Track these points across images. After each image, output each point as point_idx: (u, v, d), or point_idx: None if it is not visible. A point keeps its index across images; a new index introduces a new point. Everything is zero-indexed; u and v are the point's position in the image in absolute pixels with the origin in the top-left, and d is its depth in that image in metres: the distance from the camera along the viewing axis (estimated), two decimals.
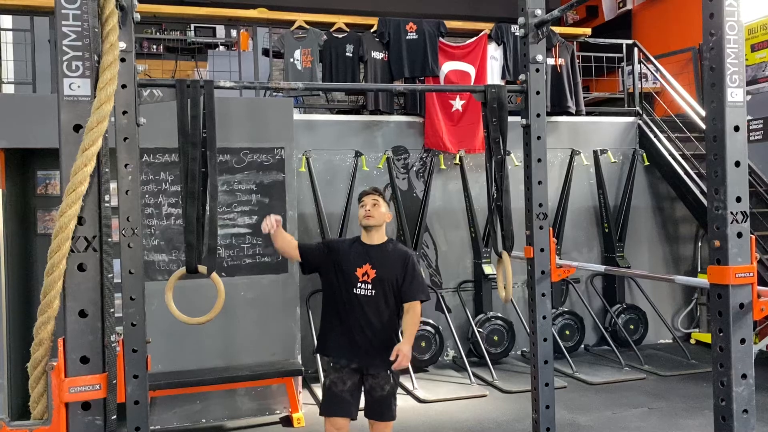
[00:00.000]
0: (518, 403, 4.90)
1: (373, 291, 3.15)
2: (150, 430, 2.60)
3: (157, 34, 9.47)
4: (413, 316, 3.17)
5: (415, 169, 6.26)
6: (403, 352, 2.95)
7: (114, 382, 1.84)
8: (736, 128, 2.17)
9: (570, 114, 6.55)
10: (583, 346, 6.40)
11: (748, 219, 2.17)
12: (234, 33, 8.73)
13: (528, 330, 3.96)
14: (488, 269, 6.06)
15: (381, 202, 3.25)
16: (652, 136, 6.71)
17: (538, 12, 3.01)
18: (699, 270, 6.81)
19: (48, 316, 1.73)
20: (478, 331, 5.86)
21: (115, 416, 1.84)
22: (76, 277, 1.74)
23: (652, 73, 7.54)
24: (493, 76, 6.35)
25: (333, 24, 6.22)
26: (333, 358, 3.19)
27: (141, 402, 2.48)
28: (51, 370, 1.73)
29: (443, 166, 6.21)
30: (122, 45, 2.31)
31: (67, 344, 1.73)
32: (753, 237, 2.19)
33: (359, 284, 3.15)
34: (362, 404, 3.22)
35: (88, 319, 1.74)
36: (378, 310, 3.16)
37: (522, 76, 3.06)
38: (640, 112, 6.96)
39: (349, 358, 3.14)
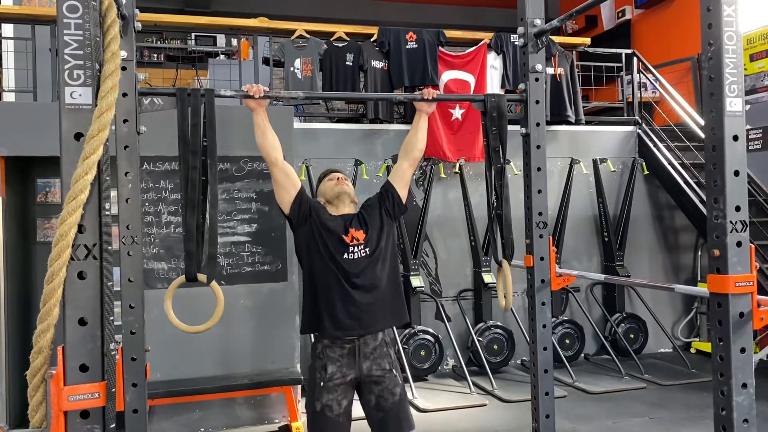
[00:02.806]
0: (518, 412, 4.89)
1: (367, 249, 2.88)
2: None
3: (158, 43, 9.51)
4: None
5: (414, 177, 6.27)
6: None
7: (113, 390, 1.84)
8: (735, 138, 2.17)
9: (569, 123, 6.56)
10: (583, 355, 6.38)
11: (748, 228, 2.17)
12: (234, 42, 8.77)
13: (528, 339, 3.95)
14: (488, 278, 6.05)
15: (350, 182, 3.08)
16: (651, 145, 6.72)
17: (538, 21, 3.02)
18: (699, 279, 6.81)
19: (47, 324, 1.73)
20: (478, 340, 5.85)
21: (114, 425, 1.83)
22: (76, 285, 1.74)
23: (651, 82, 7.56)
24: (493, 85, 6.37)
25: (333, 33, 6.25)
26: (329, 335, 2.82)
27: (140, 411, 2.47)
28: (50, 378, 1.72)
29: (443, 175, 6.22)
30: (123, 54, 2.32)
31: (67, 352, 1.73)
32: (752, 246, 2.19)
33: (350, 248, 2.86)
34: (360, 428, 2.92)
35: (88, 327, 1.74)
36: (373, 268, 2.87)
37: (521, 86, 3.07)
38: (640, 121, 6.98)
39: (349, 327, 2.79)
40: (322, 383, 2.80)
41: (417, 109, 3.01)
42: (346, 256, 2.85)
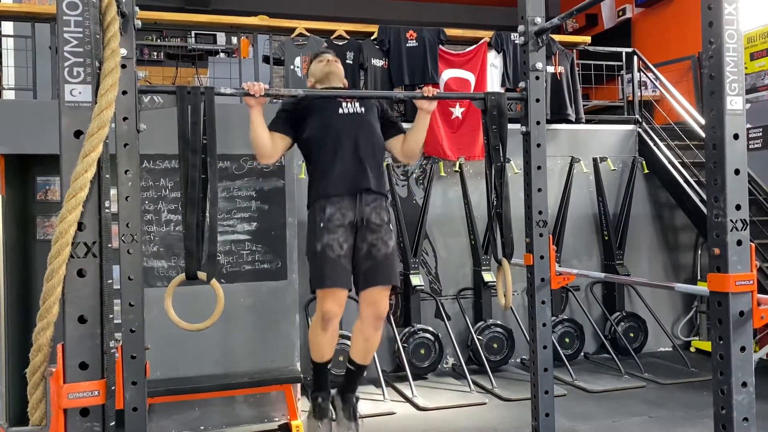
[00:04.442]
0: (518, 411, 4.89)
1: (362, 108, 3.04)
2: None
3: (158, 41, 9.50)
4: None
5: (414, 176, 6.27)
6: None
7: (113, 388, 1.84)
8: (736, 136, 2.17)
9: (570, 122, 6.56)
10: (582, 353, 6.38)
11: (748, 227, 2.17)
12: (234, 40, 8.75)
13: (528, 337, 3.96)
14: (488, 276, 6.05)
15: (340, 64, 3.24)
16: (651, 144, 6.72)
17: (538, 20, 3.02)
18: (699, 278, 6.81)
19: (47, 321, 1.73)
20: (478, 339, 5.85)
21: (113, 423, 1.83)
22: (76, 282, 1.74)
23: (651, 81, 7.56)
24: (493, 83, 6.36)
25: (333, 31, 6.24)
26: (329, 195, 2.91)
27: (139, 409, 2.47)
28: (50, 376, 1.72)
29: (443, 174, 6.22)
30: (123, 51, 2.32)
31: (66, 350, 1.73)
32: (753, 245, 2.19)
33: (344, 104, 3.03)
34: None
35: (88, 325, 1.74)
36: (369, 125, 3.03)
37: (522, 84, 3.07)
38: (640, 120, 6.97)
39: (346, 185, 2.91)
40: (321, 224, 2.89)
41: (417, 107, 3.02)
42: (341, 110, 3.01)
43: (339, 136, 2.98)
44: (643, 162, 6.63)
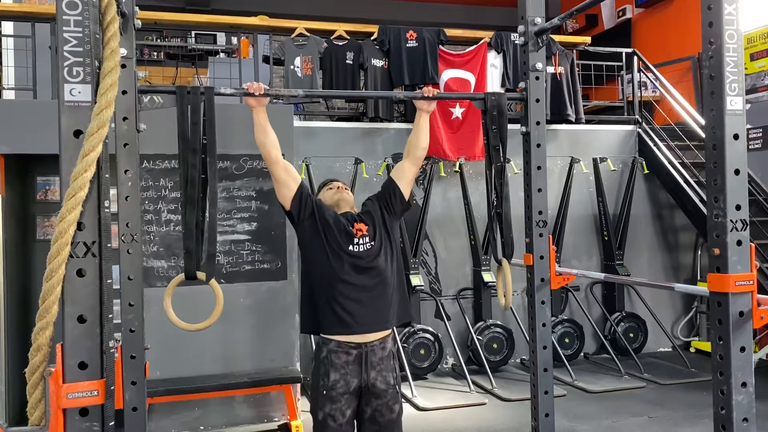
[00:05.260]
0: (517, 411, 4.89)
1: (373, 243, 2.83)
2: None
3: (158, 41, 9.50)
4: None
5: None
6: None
7: (112, 388, 1.84)
8: (736, 136, 2.17)
9: (570, 122, 6.56)
10: (582, 354, 6.38)
11: (748, 227, 2.17)
12: (234, 40, 8.74)
13: (527, 338, 3.95)
14: (488, 277, 6.05)
15: (349, 191, 3.08)
16: (651, 144, 6.72)
17: (538, 20, 3.02)
18: (698, 278, 6.81)
19: (46, 321, 1.72)
20: (478, 339, 5.85)
21: (113, 423, 1.83)
22: (75, 282, 1.74)
23: (651, 81, 7.56)
24: (493, 84, 6.36)
25: (333, 31, 6.24)
26: (334, 332, 2.74)
27: (139, 409, 2.47)
28: (49, 376, 1.72)
29: (443, 174, 6.22)
30: (123, 51, 2.31)
31: (66, 350, 1.73)
32: (753, 245, 2.19)
33: (356, 241, 2.81)
34: None
35: (87, 325, 1.74)
36: (378, 263, 2.81)
37: (522, 84, 3.07)
38: (640, 120, 6.97)
39: (356, 324, 2.72)
40: (324, 392, 2.74)
41: (417, 107, 3.01)
42: (351, 247, 2.79)
43: (346, 276, 2.76)
44: (643, 162, 6.63)
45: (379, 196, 3.02)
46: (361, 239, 2.83)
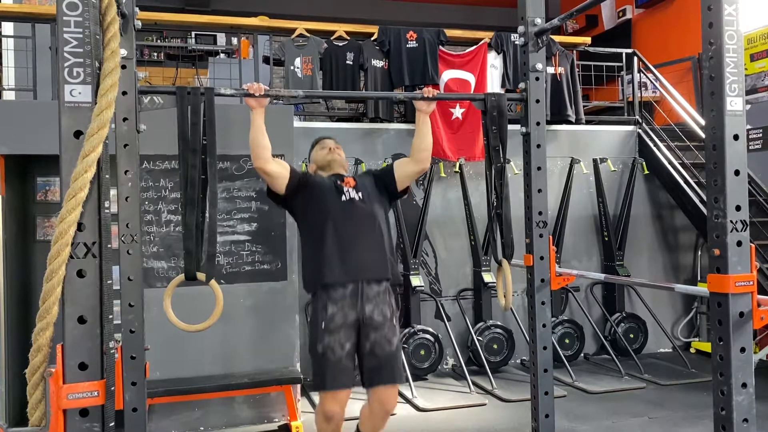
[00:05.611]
0: (518, 411, 4.88)
1: (360, 195, 3.01)
2: None
3: (158, 41, 9.50)
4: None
5: None
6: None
7: (112, 389, 1.84)
8: (736, 137, 2.17)
9: (570, 122, 6.56)
10: (582, 354, 6.38)
11: (748, 228, 2.17)
12: (235, 41, 8.76)
13: (528, 338, 3.95)
14: (488, 277, 6.05)
15: (341, 150, 3.22)
16: (651, 144, 6.72)
17: (538, 21, 3.02)
18: (699, 279, 6.81)
19: (47, 322, 1.72)
20: (478, 340, 5.85)
21: (113, 423, 1.83)
22: (75, 283, 1.74)
23: (651, 82, 7.56)
24: (493, 84, 6.36)
25: (333, 32, 6.24)
26: (328, 286, 2.87)
27: (139, 409, 2.47)
28: (49, 377, 1.72)
29: (443, 174, 6.22)
30: (123, 52, 2.32)
31: (66, 350, 1.73)
32: (753, 246, 2.19)
33: (345, 190, 2.99)
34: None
35: (87, 326, 1.74)
36: (370, 214, 2.99)
37: (522, 85, 3.07)
38: (640, 120, 6.97)
39: (347, 274, 2.85)
40: (323, 325, 2.84)
41: (416, 108, 3.02)
42: (342, 197, 2.97)
43: (339, 224, 2.93)
44: (643, 163, 6.63)
45: (376, 171, 3.21)
46: (350, 190, 3.01)
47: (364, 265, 2.89)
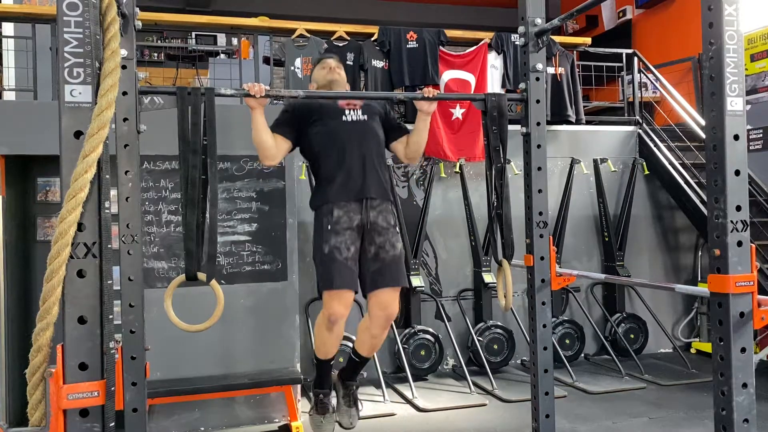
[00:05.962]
0: (518, 412, 4.88)
1: (365, 116, 3.07)
2: None
3: (159, 41, 9.50)
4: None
5: (415, 177, 6.27)
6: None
7: (112, 389, 1.84)
8: (736, 137, 2.17)
9: (570, 123, 6.56)
10: (583, 355, 6.38)
11: (749, 228, 2.17)
12: (235, 41, 8.75)
13: (528, 339, 3.95)
14: (488, 278, 6.05)
15: (342, 71, 3.24)
16: (652, 145, 6.72)
17: (538, 21, 3.02)
18: (699, 279, 6.81)
19: (47, 322, 1.73)
20: (478, 340, 5.85)
21: (113, 423, 1.83)
22: (76, 283, 1.74)
23: (651, 82, 7.56)
24: (493, 84, 6.36)
25: (334, 32, 6.24)
26: (334, 201, 2.94)
27: (139, 410, 2.47)
28: (49, 377, 1.72)
29: (443, 175, 6.22)
30: (123, 52, 2.32)
31: (66, 351, 1.73)
32: (753, 246, 2.19)
33: (347, 111, 3.05)
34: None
35: (87, 326, 1.74)
36: (373, 134, 3.06)
37: (522, 85, 3.07)
38: (640, 121, 6.97)
39: (353, 193, 2.93)
40: (329, 226, 2.91)
41: (417, 108, 3.02)
42: (344, 117, 3.03)
43: (344, 144, 2.99)
44: (644, 163, 6.63)
45: (387, 114, 3.21)
46: (352, 111, 3.06)
47: (368, 184, 2.97)
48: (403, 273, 3.03)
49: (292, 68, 6.01)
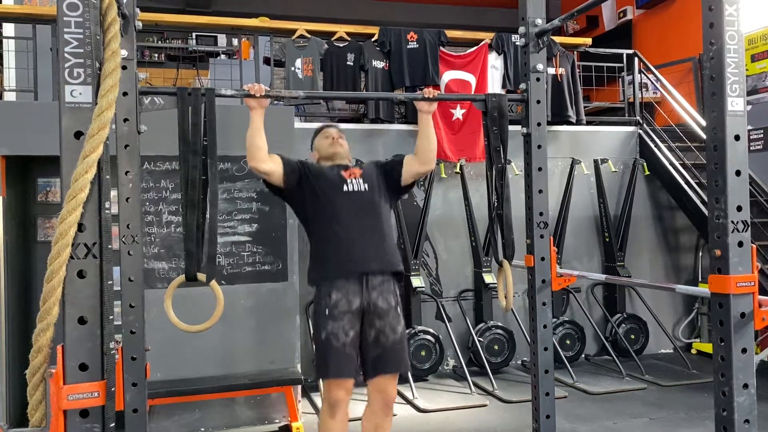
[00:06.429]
0: (519, 412, 4.88)
1: (366, 185, 2.93)
2: None
3: (159, 42, 9.50)
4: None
5: None
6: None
7: (113, 389, 1.84)
8: (737, 137, 2.17)
9: (570, 123, 6.56)
10: (583, 355, 6.38)
11: (749, 228, 2.17)
12: (235, 42, 8.76)
13: (528, 339, 3.95)
14: (489, 278, 6.04)
15: (344, 140, 3.13)
16: (652, 145, 6.71)
17: (539, 21, 3.02)
18: (700, 279, 6.80)
19: (47, 322, 1.72)
20: (479, 341, 5.84)
21: (113, 424, 1.83)
22: (76, 283, 1.74)
23: (652, 82, 7.56)
24: (494, 85, 6.36)
25: (334, 33, 6.24)
26: (333, 278, 2.81)
27: (139, 410, 2.47)
28: (49, 377, 1.72)
29: (444, 175, 6.22)
30: (124, 53, 2.32)
31: (66, 351, 1.73)
32: (754, 246, 2.19)
33: (348, 181, 2.92)
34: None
35: (88, 326, 1.74)
36: (374, 205, 2.92)
37: (522, 85, 3.07)
38: (641, 121, 6.97)
39: (352, 267, 2.80)
40: (327, 311, 2.78)
41: (418, 108, 3.01)
42: (345, 188, 2.90)
43: (343, 217, 2.87)
44: (644, 164, 6.63)
45: (382, 163, 3.11)
46: (353, 180, 2.94)
47: (368, 259, 2.84)
48: (403, 358, 2.89)
49: (293, 69, 6.01)
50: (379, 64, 6.18)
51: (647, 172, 6.69)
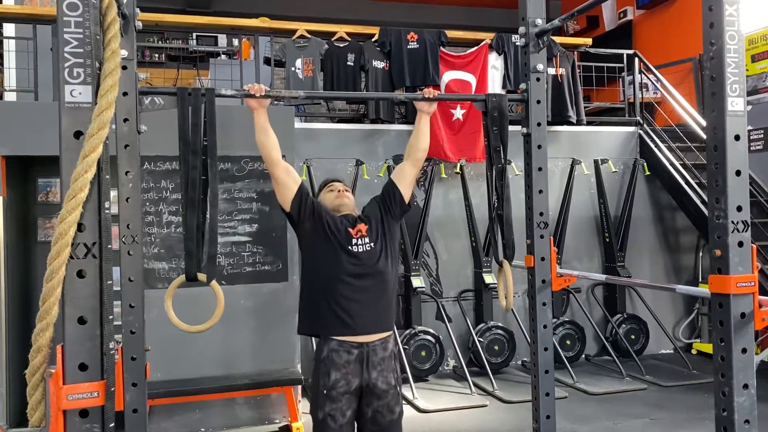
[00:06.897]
0: (519, 413, 4.88)
1: (371, 243, 2.83)
2: None
3: (159, 42, 9.51)
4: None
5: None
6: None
7: (112, 389, 1.83)
8: (737, 137, 2.17)
9: (571, 123, 6.56)
10: (583, 356, 6.38)
11: (749, 228, 2.16)
12: (236, 42, 8.76)
13: (529, 339, 3.95)
14: (489, 278, 6.05)
15: (350, 192, 3.06)
16: (652, 145, 6.71)
17: (539, 21, 3.02)
18: (700, 280, 6.80)
19: (47, 322, 1.72)
20: (479, 341, 5.84)
21: (113, 424, 1.83)
22: (76, 283, 1.73)
23: (652, 82, 7.56)
24: (494, 85, 6.36)
25: (334, 33, 6.25)
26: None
27: (139, 410, 2.46)
28: (49, 377, 1.72)
29: (444, 175, 6.22)
30: (124, 53, 2.32)
31: (66, 351, 1.72)
32: (754, 246, 2.19)
33: (354, 240, 2.81)
34: None
35: (87, 326, 1.73)
36: (377, 268, 2.81)
37: (523, 86, 3.07)
38: (641, 121, 6.97)
39: (347, 326, 2.71)
40: (325, 391, 2.72)
41: (417, 109, 3.00)
42: (351, 248, 2.79)
43: (346, 277, 2.76)
44: (644, 164, 6.63)
45: (380, 198, 3.02)
46: (360, 240, 2.83)
47: (368, 321, 2.76)
48: None
49: (293, 69, 6.01)
50: (379, 64, 6.18)
51: (647, 173, 6.69)
